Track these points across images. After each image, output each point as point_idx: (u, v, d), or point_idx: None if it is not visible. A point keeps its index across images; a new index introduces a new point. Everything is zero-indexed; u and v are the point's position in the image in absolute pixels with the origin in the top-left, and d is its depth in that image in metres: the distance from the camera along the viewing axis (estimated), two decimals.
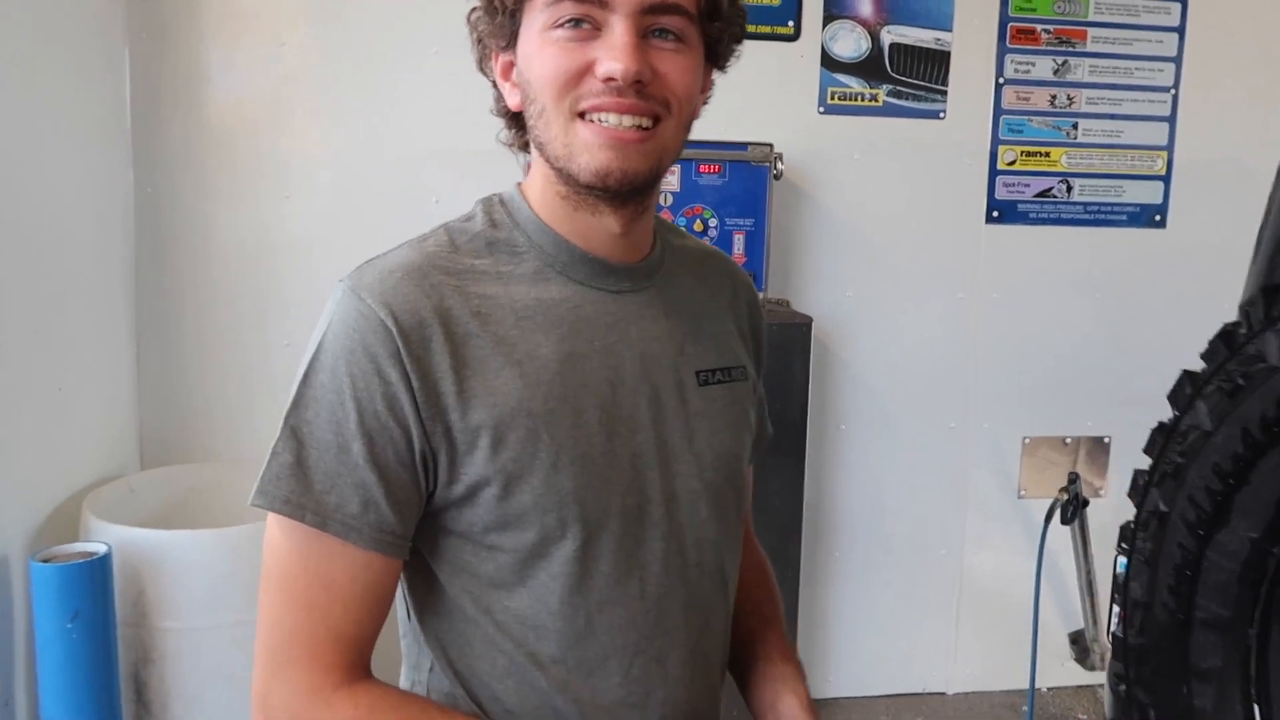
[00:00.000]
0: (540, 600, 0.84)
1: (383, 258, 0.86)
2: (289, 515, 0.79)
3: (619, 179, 0.80)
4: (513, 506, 0.81)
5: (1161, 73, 2.90)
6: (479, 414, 0.80)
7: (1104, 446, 3.07)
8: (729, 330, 0.98)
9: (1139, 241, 2.98)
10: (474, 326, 0.81)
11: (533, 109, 0.83)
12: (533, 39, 0.81)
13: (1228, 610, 0.95)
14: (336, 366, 0.80)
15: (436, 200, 2.62)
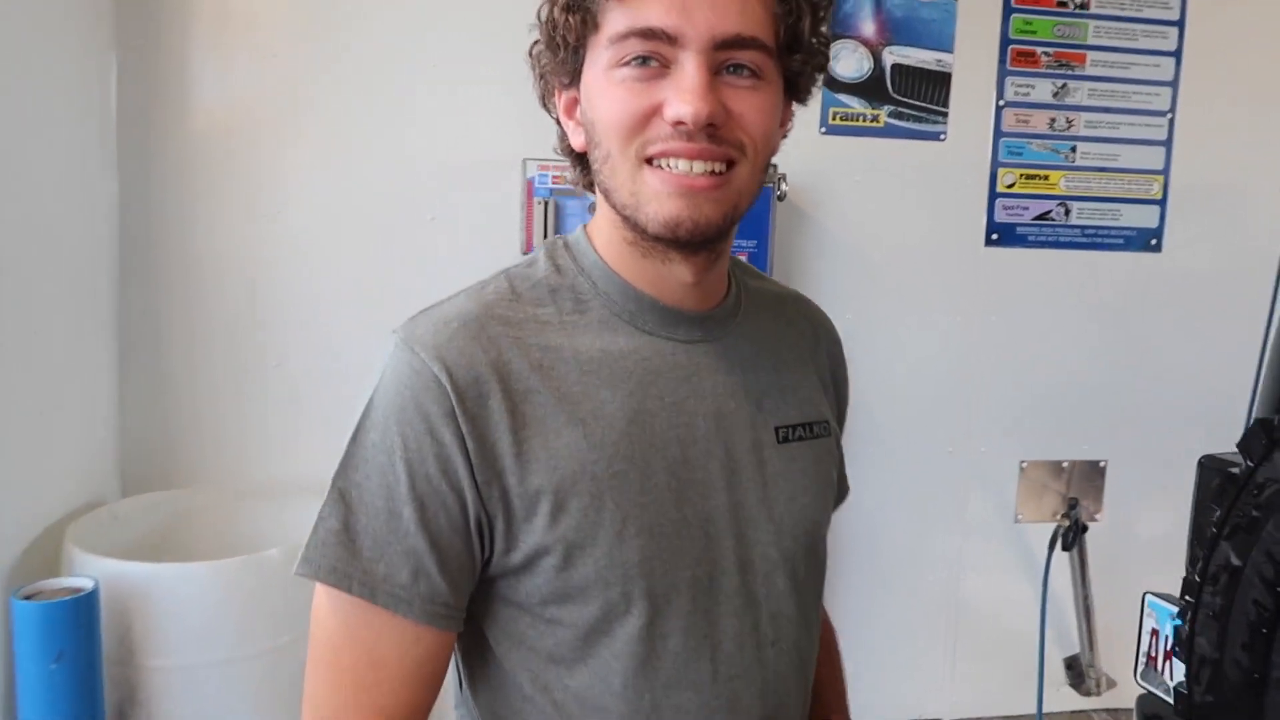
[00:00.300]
0: (602, 680, 0.78)
1: (438, 307, 0.81)
2: (335, 585, 0.74)
3: (689, 229, 0.74)
4: (574, 578, 0.76)
5: (1158, 97, 2.91)
6: (539, 477, 0.75)
7: (1099, 470, 3.06)
8: (810, 381, 0.91)
9: (1135, 265, 2.98)
10: (535, 381, 0.76)
11: (598, 152, 0.77)
12: (598, 77, 0.76)
13: None
14: (388, 425, 0.75)
15: (433, 217, 2.56)
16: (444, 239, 2.57)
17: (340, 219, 2.51)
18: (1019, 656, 3.00)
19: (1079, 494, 3.01)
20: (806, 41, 0.77)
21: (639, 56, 0.73)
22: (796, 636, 0.86)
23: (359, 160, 2.51)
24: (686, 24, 0.71)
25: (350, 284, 2.54)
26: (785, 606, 0.84)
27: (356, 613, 0.75)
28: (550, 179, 2.53)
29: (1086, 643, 2.92)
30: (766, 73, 0.75)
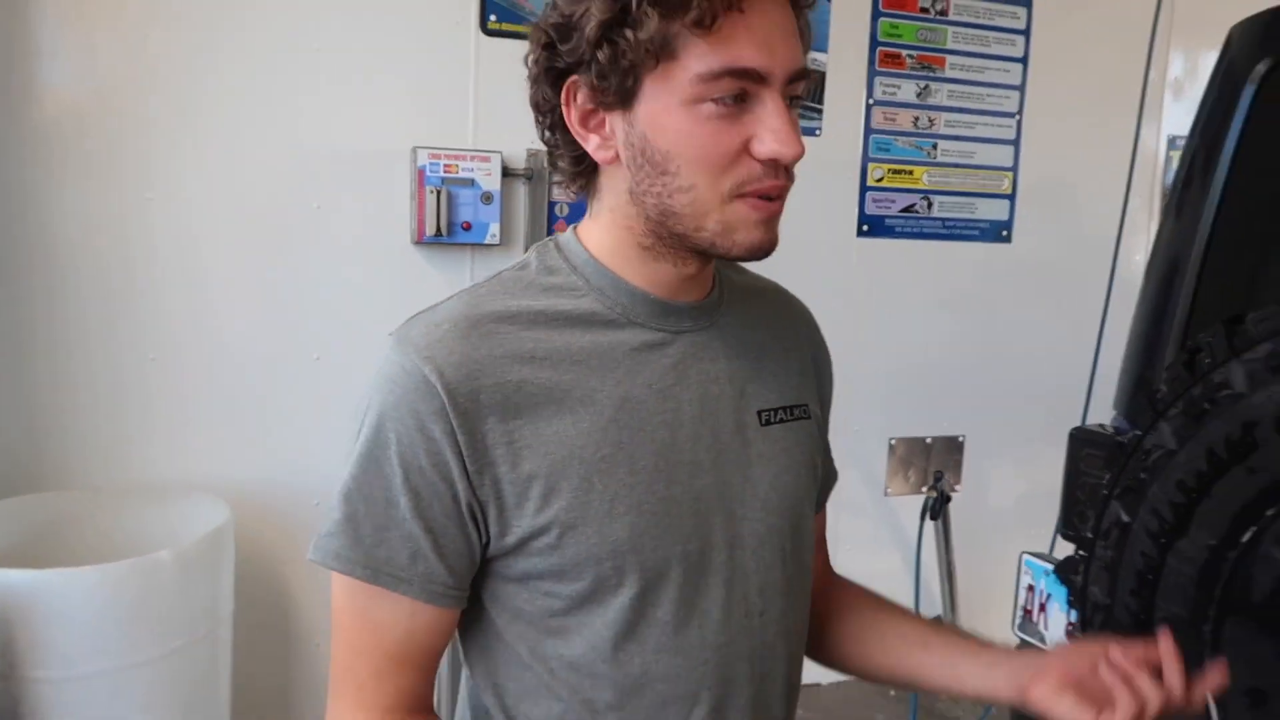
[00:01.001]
0: (595, 648, 0.83)
1: (433, 309, 0.83)
2: (341, 570, 0.81)
3: (767, 251, 0.80)
4: (566, 556, 0.80)
5: (1008, 99, 3.16)
6: (530, 464, 0.79)
7: (959, 445, 3.31)
8: (792, 368, 0.96)
9: (989, 255, 3.23)
10: (526, 373, 0.79)
11: (668, 181, 0.78)
12: (672, 109, 0.76)
13: (1185, 610, 1.05)
14: (382, 424, 0.79)
15: (318, 205, 2.50)
16: (331, 228, 2.51)
17: (222, 207, 2.41)
18: None
19: (941, 467, 3.23)
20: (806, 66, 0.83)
21: (738, 96, 0.75)
22: (784, 607, 0.90)
23: (242, 147, 2.41)
24: (773, 62, 0.74)
25: (233, 273, 2.45)
26: (772, 578, 0.89)
27: (362, 594, 0.81)
28: (442, 168, 2.51)
29: (949, 606, 3.15)
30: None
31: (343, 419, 2.79)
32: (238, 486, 2.41)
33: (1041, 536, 2.36)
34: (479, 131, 2.59)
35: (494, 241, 2.57)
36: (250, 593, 2.38)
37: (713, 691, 0.85)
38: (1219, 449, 0.99)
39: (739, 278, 0.99)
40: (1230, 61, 1.47)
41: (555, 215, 2.57)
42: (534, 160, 2.61)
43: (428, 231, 2.50)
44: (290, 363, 2.51)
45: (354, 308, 2.54)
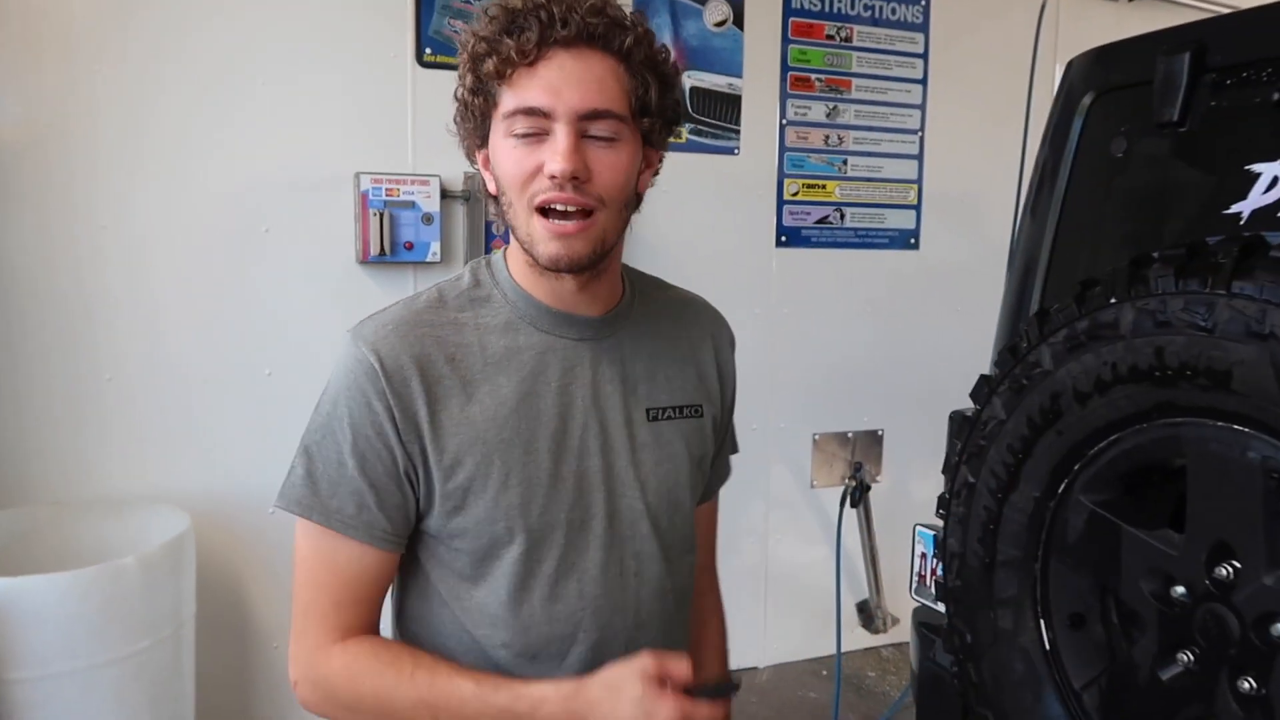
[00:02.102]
0: (493, 593, 1.03)
1: (383, 312, 1.04)
2: (301, 515, 1.00)
3: (567, 263, 0.97)
4: (467, 518, 1.01)
5: (910, 117, 3.42)
6: (445, 441, 1.00)
7: (878, 438, 3.54)
8: (687, 373, 1.14)
9: (899, 262, 3.48)
10: (447, 370, 1.00)
11: (503, 199, 0.99)
12: (499, 142, 0.97)
13: (1019, 552, 1.27)
14: (338, 399, 1.00)
15: (267, 229, 2.64)
16: (280, 250, 2.65)
17: (175, 232, 2.55)
18: (819, 605, 3.43)
19: (862, 459, 3.47)
20: (655, 106, 0.99)
21: (525, 131, 0.94)
22: (659, 572, 1.09)
23: (192, 175, 2.55)
24: (557, 102, 0.92)
25: (186, 295, 2.58)
26: (647, 547, 1.08)
27: (319, 535, 1.00)
28: (384, 191, 2.67)
29: (874, 587, 3.38)
30: (622, 135, 0.96)
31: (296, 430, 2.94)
32: (195, 498, 2.54)
33: None
34: (418, 156, 2.76)
35: (435, 259, 2.74)
36: (210, 596, 2.51)
37: (589, 635, 1.05)
38: (1035, 416, 1.21)
39: (660, 293, 1.19)
40: (1069, 88, 1.71)
41: (492, 234, 2.75)
42: (470, 182, 2.78)
43: (372, 251, 2.66)
44: (243, 379, 2.64)
45: (303, 325, 2.68)
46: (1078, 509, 1.20)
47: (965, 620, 1.35)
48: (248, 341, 2.65)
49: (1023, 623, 1.28)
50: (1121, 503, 1.18)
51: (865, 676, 3.44)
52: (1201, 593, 1.08)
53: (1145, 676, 1.15)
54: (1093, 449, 1.17)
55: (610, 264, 1.06)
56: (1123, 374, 1.10)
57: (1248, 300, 0.96)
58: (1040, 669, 1.26)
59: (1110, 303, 1.11)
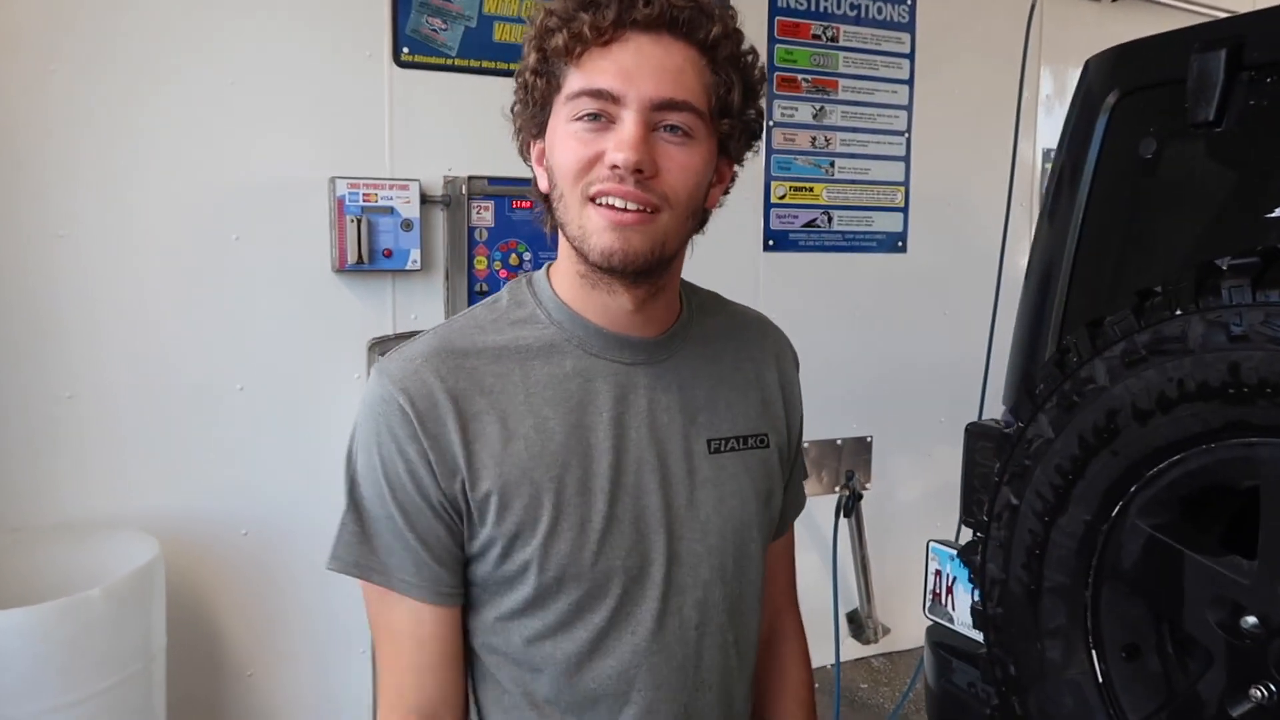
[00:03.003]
0: (534, 646, 0.92)
1: (411, 344, 0.93)
2: (360, 577, 0.90)
3: (622, 259, 0.85)
4: (513, 564, 0.90)
5: (897, 119, 3.36)
6: (486, 483, 0.88)
7: (866, 445, 3.48)
8: (751, 399, 1.02)
9: (887, 265, 3.42)
10: (484, 404, 0.89)
11: (555, 193, 0.89)
12: (558, 129, 0.87)
13: (1068, 579, 1.19)
14: (369, 448, 0.90)
15: (236, 237, 2.52)
16: (250, 258, 2.52)
17: (138, 238, 2.41)
18: (810, 617, 3.35)
19: (851, 466, 3.40)
20: (737, 109, 0.89)
21: (590, 113, 0.84)
22: (724, 623, 0.97)
23: (155, 181, 2.41)
24: (629, 87, 0.83)
25: (151, 307, 2.44)
26: (712, 595, 0.96)
27: (384, 599, 0.91)
28: (361, 196, 2.55)
29: (864, 597, 3.32)
30: (698, 133, 0.86)
31: (270, 447, 2.82)
32: (164, 522, 2.40)
33: (947, 526, 2.53)
34: (396, 160, 2.65)
35: (415, 267, 2.62)
36: (181, 626, 2.37)
37: (644, 694, 0.93)
38: (1088, 435, 1.13)
39: (720, 310, 1.08)
40: (1088, 89, 1.65)
41: (475, 240, 2.64)
42: (451, 187, 2.67)
43: (349, 259, 2.54)
44: (213, 394, 2.51)
45: (277, 337, 2.55)
46: (1134, 533, 1.13)
47: (1008, 650, 1.28)
48: (217, 355, 2.51)
49: (1073, 654, 1.21)
50: (1182, 527, 1.11)
51: (858, 688, 3.38)
52: (1277, 624, 1.01)
53: (1213, 712, 1.08)
54: (1152, 470, 1.10)
55: (670, 280, 0.95)
56: (1190, 391, 1.02)
57: None
58: (1093, 703, 1.19)
59: (1175, 314, 1.04)
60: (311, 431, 2.61)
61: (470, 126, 2.70)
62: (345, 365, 2.64)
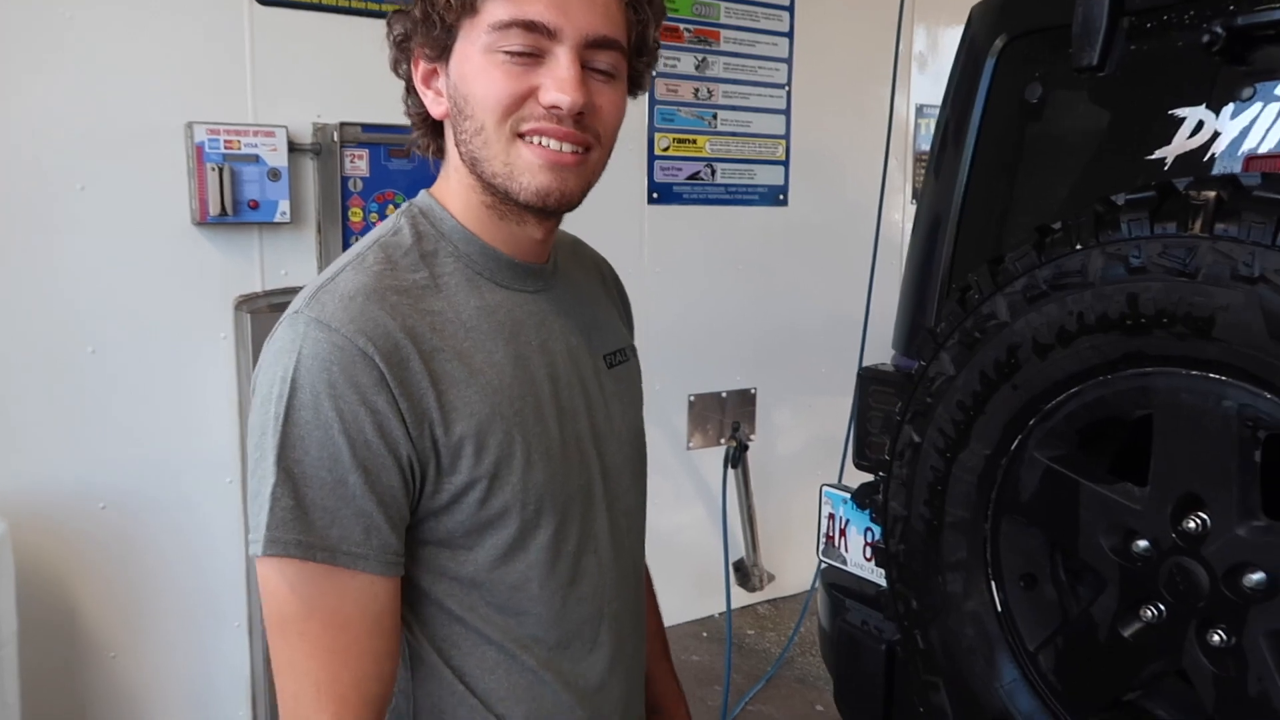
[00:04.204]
0: (520, 589, 0.88)
1: (332, 283, 0.82)
2: (303, 558, 0.77)
3: (558, 199, 0.83)
4: (494, 506, 0.84)
5: (778, 72, 3.37)
6: (461, 425, 0.82)
7: (751, 397, 3.53)
8: (613, 313, 1.06)
9: (768, 218, 3.45)
10: (437, 342, 0.82)
11: (468, 125, 0.83)
12: (473, 57, 0.81)
13: (969, 513, 1.22)
14: (319, 403, 0.77)
15: (82, 187, 2.31)
16: (99, 211, 2.32)
17: None
18: (697, 568, 3.40)
19: (736, 418, 3.44)
20: (651, 46, 0.88)
21: (520, 47, 0.79)
22: (640, 523, 1.02)
23: None
24: (565, 21, 0.79)
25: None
26: (631, 502, 1.00)
27: (318, 579, 0.78)
28: (222, 144, 2.38)
29: (751, 546, 3.38)
30: (620, 72, 0.85)
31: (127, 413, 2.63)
32: (11, 497, 2.20)
33: (829, 474, 2.58)
34: (259, 106, 2.47)
35: (284, 219, 2.47)
36: (35, 605, 2.19)
37: (610, 605, 0.95)
38: (989, 371, 1.15)
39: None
40: (973, 38, 1.67)
41: (349, 190, 2.50)
42: (321, 134, 2.52)
43: (211, 211, 2.37)
44: (62, 358, 2.31)
45: (132, 294, 2.36)
46: (1031, 466, 1.16)
47: (910, 585, 1.30)
48: (65, 316, 2.31)
49: (973, 586, 1.24)
50: (1077, 457, 1.14)
51: (744, 635, 3.45)
52: (1167, 546, 1.05)
53: (1105, 633, 1.12)
54: (1050, 403, 1.13)
55: None
56: (1089, 324, 1.05)
57: (1233, 243, 0.92)
58: (993, 632, 1.22)
59: (1076, 249, 1.06)
60: (173, 396, 2.44)
61: (342, 71, 2.55)
62: (209, 324, 2.47)
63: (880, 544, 1.35)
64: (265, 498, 0.77)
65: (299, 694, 0.80)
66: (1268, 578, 0.97)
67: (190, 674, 2.56)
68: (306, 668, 0.79)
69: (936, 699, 1.30)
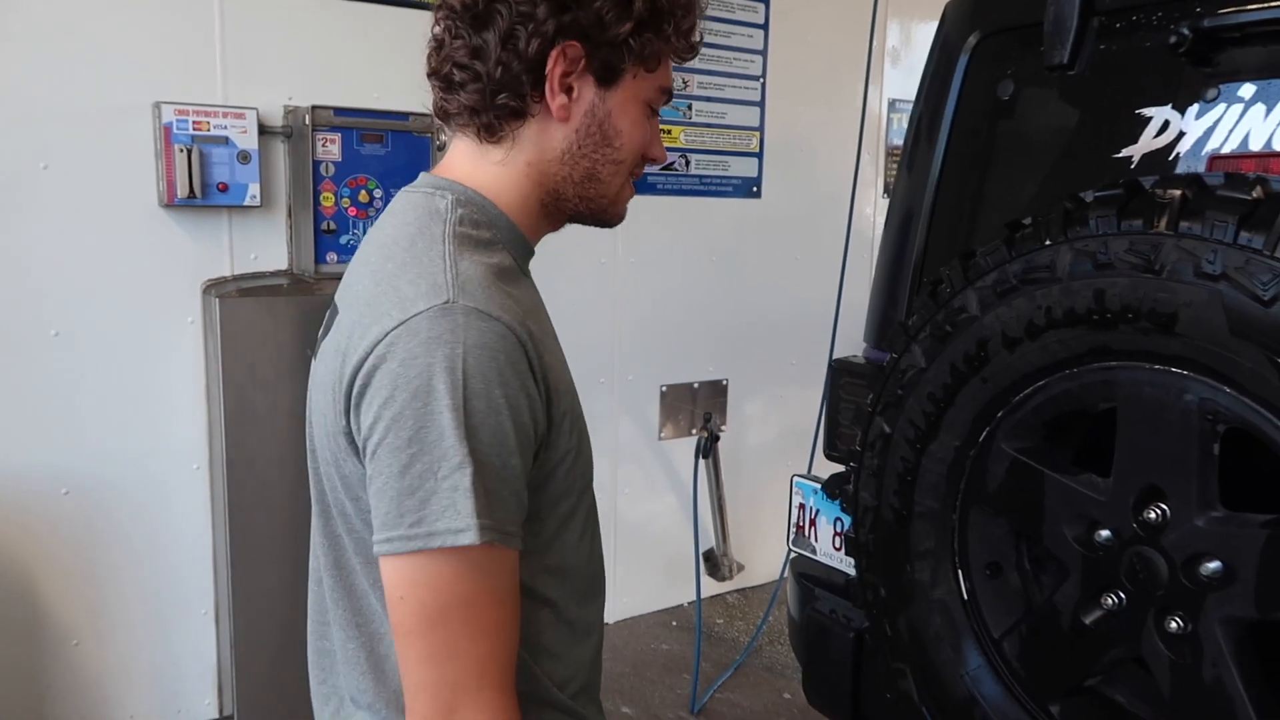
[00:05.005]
0: (570, 549, 0.93)
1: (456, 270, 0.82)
2: (497, 543, 0.79)
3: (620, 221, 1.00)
4: (574, 475, 0.90)
5: (753, 63, 3.38)
6: (563, 401, 0.87)
7: (722, 388, 3.54)
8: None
9: (742, 210, 3.46)
10: (533, 326, 0.85)
11: (607, 152, 0.92)
12: (637, 102, 0.93)
13: (937, 503, 1.24)
14: (490, 390, 0.79)
15: (45, 166, 2.27)
16: (63, 191, 2.28)
17: None
18: (666, 558, 3.42)
19: (707, 409, 3.46)
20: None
21: (659, 108, 0.96)
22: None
23: None
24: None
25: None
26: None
27: (493, 560, 0.80)
28: (191, 125, 2.35)
29: (720, 536, 3.40)
30: None
31: (91, 398, 2.59)
32: None
33: (798, 465, 2.61)
34: (229, 86, 2.44)
35: (254, 203, 2.44)
36: None
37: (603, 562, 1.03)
38: (959, 363, 1.17)
39: None
40: (946, 34, 1.68)
41: (321, 175, 2.48)
42: (292, 117, 2.49)
43: (179, 194, 2.33)
44: (24, 341, 2.27)
45: (97, 277, 2.33)
46: (999, 457, 1.18)
47: (879, 574, 1.32)
48: (27, 298, 2.27)
49: (940, 575, 1.26)
50: (1043, 449, 1.17)
51: (714, 624, 3.47)
52: (1128, 536, 1.08)
53: (1068, 621, 1.15)
54: (1018, 395, 1.15)
55: None
56: (1057, 318, 1.07)
57: (1197, 240, 0.94)
58: (959, 620, 1.25)
59: (1045, 244, 1.08)
60: (138, 380, 2.40)
61: (314, 53, 2.52)
62: (176, 308, 2.44)
63: (850, 533, 1.37)
64: (461, 488, 0.77)
65: (459, 681, 0.80)
66: (1224, 567, 1.00)
67: (156, 662, 2.54)
68: (471, 652, 0.80)
69: (904, 686, 1.32)
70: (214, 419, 2.48)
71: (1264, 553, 0.97)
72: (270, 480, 2.42)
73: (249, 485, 2.42)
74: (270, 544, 2.43)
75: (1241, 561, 0.99)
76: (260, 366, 2.40)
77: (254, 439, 2.40)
